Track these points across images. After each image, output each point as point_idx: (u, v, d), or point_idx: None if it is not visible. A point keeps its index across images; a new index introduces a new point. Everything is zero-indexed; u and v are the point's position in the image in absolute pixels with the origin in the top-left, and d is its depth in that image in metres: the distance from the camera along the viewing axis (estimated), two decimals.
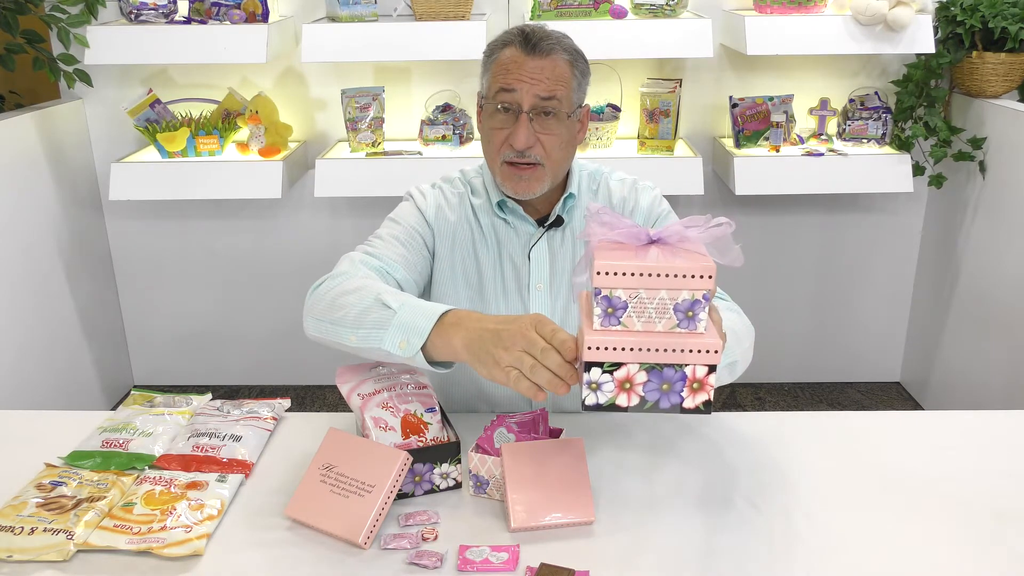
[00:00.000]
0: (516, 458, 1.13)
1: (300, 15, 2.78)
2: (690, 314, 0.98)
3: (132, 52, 2.57)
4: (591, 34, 2.50)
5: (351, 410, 1.26)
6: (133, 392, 1.47)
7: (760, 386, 3.19)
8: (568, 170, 1.48)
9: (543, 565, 1.02)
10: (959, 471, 1.25)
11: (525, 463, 1.13)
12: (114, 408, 1.47)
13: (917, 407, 3.04)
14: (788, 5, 2.59)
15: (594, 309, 0.98)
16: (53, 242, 2.72)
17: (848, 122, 2.74)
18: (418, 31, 2.52)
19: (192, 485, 1.17)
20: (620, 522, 1.12)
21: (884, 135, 2.73)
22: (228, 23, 2.56)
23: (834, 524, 1.12)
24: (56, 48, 2.70)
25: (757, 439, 1.33)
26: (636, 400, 1.00)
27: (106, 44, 2.55)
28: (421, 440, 1.19)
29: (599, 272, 0.96)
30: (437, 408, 1.24)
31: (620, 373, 0.99)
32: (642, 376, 0.99)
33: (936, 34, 2.62)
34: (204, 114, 2.81)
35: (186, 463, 1.24)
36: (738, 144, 2.74)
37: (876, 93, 2.79)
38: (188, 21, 2.58)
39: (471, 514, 1.14)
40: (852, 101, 2.80)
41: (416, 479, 1.17)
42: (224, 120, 2.77)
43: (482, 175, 1.51)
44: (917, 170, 2.72)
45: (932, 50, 2.55)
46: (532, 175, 1.38)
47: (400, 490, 1.15)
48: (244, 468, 1.24)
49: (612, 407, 1.01)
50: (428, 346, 1.14)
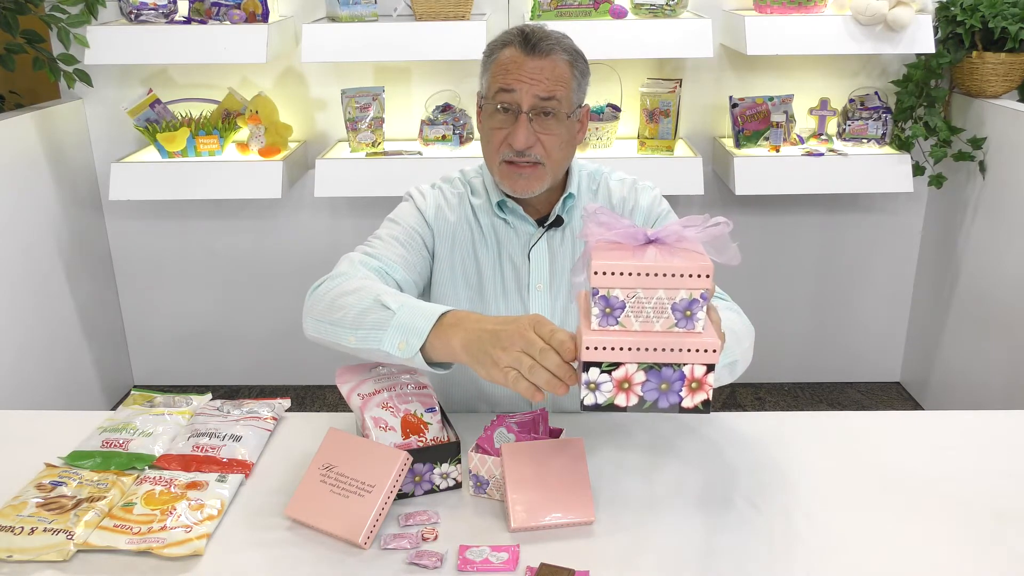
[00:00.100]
0: (516, 458, 1.13)
1: (300, 15, 2.78)
2: (688, 313, 0.98)
3: (132, 52, 2.57)
4: (591, 34, 2.50)
5: (351, 410, 1.26)
6: (133, 392, 1.47)
7: (760, 386, 3.19)
8: (568, 170, 1.48)
9: (543, 565, 1.02)
10: (959, 471, 1.25)
11: (525, 463, 1.13)
12: (114, 408, 1.47)
13: (917, 407, 3.04)
14: (788, 5, 2.59)
15: (592, 309, 0.98)
16: (53, 242, 2.72)
17: (848, 122, 2.74)
18: (418, 31, 2.52)
19: (192, 485, 1.17)
20: (620, 522, 1.12)
21: (884, 135, 2.73)
22: (228, 23, 2.56)
23: (834, 524, 1.12)
24: (56, 48, 2.70)
25: (757, 439, 1.33)
26: (635, 400, 1.00)
27: (106, 44, 2.55)
28: (421, 440, 1.19)
29: (596, 272, 0.96)
30: (437, 408, 1.24)
31: (618, 373, 0.99)
32: (640, 376, 0.99)
33: (936, 34, 2.62)
34: (204, 114, 2.81)
35: (186, 463, 1.24)
36: (738, 144, 2.74)
37: (876, 93, 2.79)
38: (188, 21, 2.58)
39: (471, 514, 1.14)
40: (852, 101, 2.80)
41: (416, 479, 1.17)
42: (224, 120, 2.77)
43: (482, 175, 1.51)
44: (917, 170, 2.72)
45: (932, 50, 2.55)
46: (532, 173, 1.38)
47: (400, 490, 1.15)
48: (244, 468, 1.24)
49: (611, 407, 1.00)
50: (427, 347, 1.14)
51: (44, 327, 2.67)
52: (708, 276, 0.96)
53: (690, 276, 0.96)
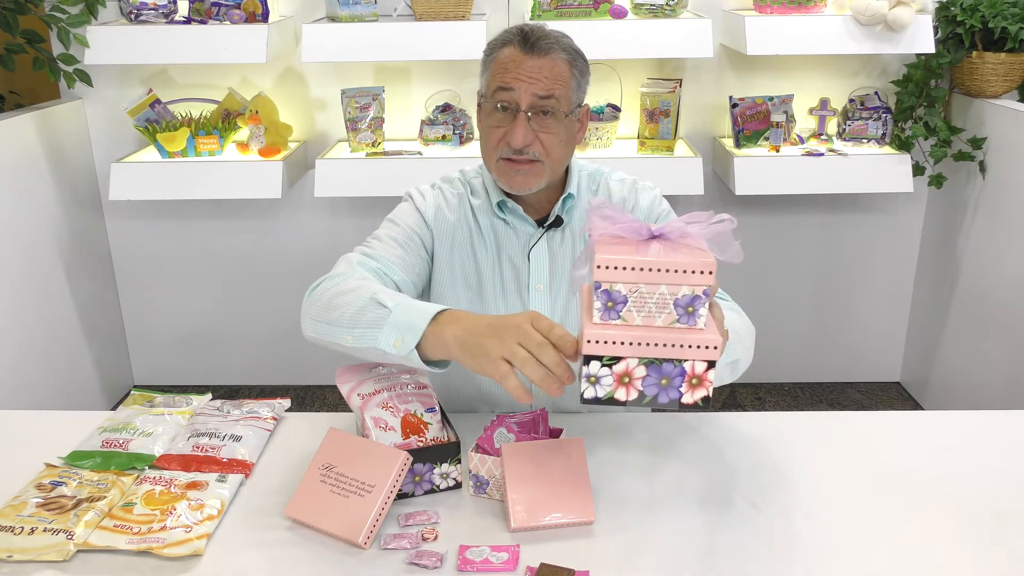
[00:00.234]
0: (516, 458, 1.13)
1: (300, 15, 2.78)
2: (690, 310, 0.98)
3: (132, 52, 2.57)
4: (591, 34, 2.50)
5: (351, 410, 1.26)
6: (133, 392, 1.47)
7: (760, 386, 3.19)
8: (567, 170, 1.48)
9: (543, 565, 1.02)
10: (959, 471, 1.25)
11: (525, 463, 1.13)
12: (114, 408, 1.47)
13: (917, 407, 3.04)
14: (788, 5, 2.59)
15: (594, 303, 0.98)
16: (53, 242, 2.72)
17: (848, 122, 2.74)
18: (418, 31, 2.52)
19: (192, 485, 1.17)
20: (620, 522, 1.12)
21: (884, 135, 2.73)
22: (228, 23, 2.56)
23: (834, 524, 1.12)
24: (56, 48, 2.70)
25: (757, 439, 1.33)
26: (635, 394, 1.00)
27: (106, 44, 2.55)
28: (421, 440, 1.19)
29: (599, 266, 0.96)
30: (437, 408, 1.24)
31: (619, 367, 0.99)
32: (641, 371, 0.99)
33: (936, 34, 2.62)
34: (204, 114, 2.81)
35: (186, 463, 1.24)
36: (738, 144, 2.74)
37: (876, 93, 2.79)
38: (188, 21, 2.58)
39: (471, 514, 1.14)
40: (852, 101, 2.80)
41: (416, 479, 1.17)
42: (224, 120, 2.77)
43: (482, 175, 1.51)
44: (917, 170, 2.72)
45: (932, 50, 2.55)
46: (529, 170, 1.38)
47: (400, 490, 1.15)
48: (244, 468, 1.24)
49: (611, 401, 1.00)
50: (423, 344, 1.14)
51: (44, 327, 2.67)
52: (711, 273, 0.97)
53: (693, 272, 0.96)
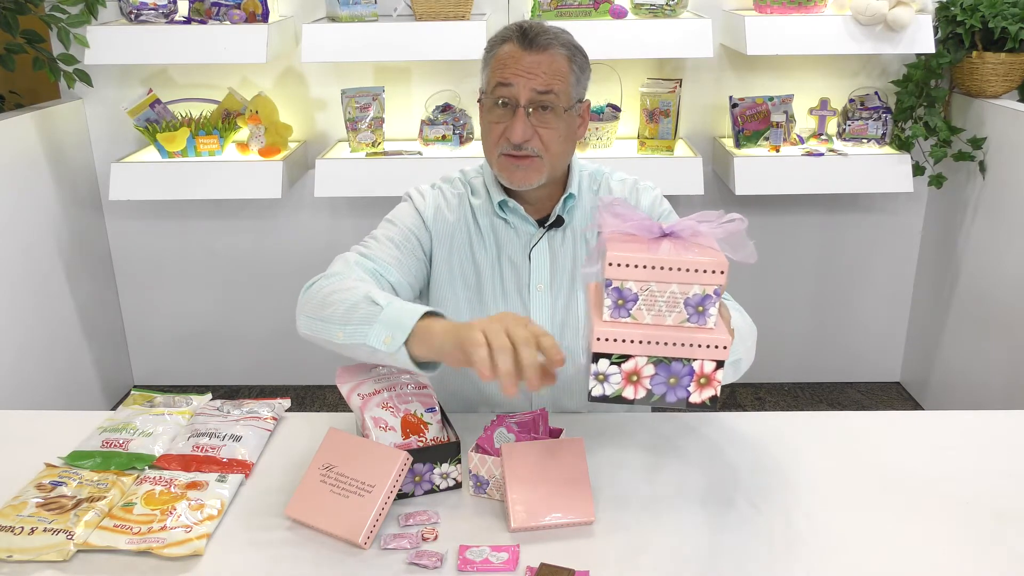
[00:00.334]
0: (516, 458, 1.13)
1: (300, 15, 2.78)
2: (700, 309, 0.98)
3: (132, 52, 2.56)
4: (591, 34, 2.49)
5: (351, 410, 1.26)
6: (133, 392, 1.47)
7: (760, 386, 3.19)
8: (568, 169, 1.48)
9: (543, 565, 1.02)
10: (959, 471, 1.24)
11: (525, 463, 1.13)
12: (114, 408, 1.47)
13: (917, 407, 3.04)
14: (788, 5, 2.59)
15: (604, 300, 0.98)
16: (53, 242, 2.72)
17: (848, 122, 2.74)
18: (418, 31, 2.52)
19: (192, 485, 1.17)
20: (620, 522, 1.12)
21: (884, 135, 2.73)
22: (228, 23, 2.56)
23: (834, 524, 1.12)
24: (56, 48, 2.70)
25: (757, 439, 1.33)
26: (643, 393, 1.00)
27: (106, 44, 2.55)
28: (421, 440, 1.19)
29: (611, 263, 0.96)
30: (437, 408, 1.24)
31: (628, 365, 0.99)
32: (650, 369, 0.99)
33: (936, 34, 2.61)
34: (204, 114, 2.81)
35: (186, 463, 1.24)
36: (738, 144, 2.74)
37: (876, 93, 2.79)
38: (188, 21, 2.58)
39: (471, 514, 1.14)
40: (852, 101, 2.80)
41: (416, 479, 1.17)
42: (224, 120, 2.77)
43: (482, 175, 1.51)
44: (917, 170, 2.72)
45: (932, 50, 2.54)
46: (529, 165, 1.38)
47: (400, 490, 1.15)
48: (244, 468, 1.24)
49: (618, 399, 1.00)
50: (411, 342, 1.14)
51: (44, 327, 2.67)
52: (723, 272, 0.96)
53: (704, 272, 0.96)
